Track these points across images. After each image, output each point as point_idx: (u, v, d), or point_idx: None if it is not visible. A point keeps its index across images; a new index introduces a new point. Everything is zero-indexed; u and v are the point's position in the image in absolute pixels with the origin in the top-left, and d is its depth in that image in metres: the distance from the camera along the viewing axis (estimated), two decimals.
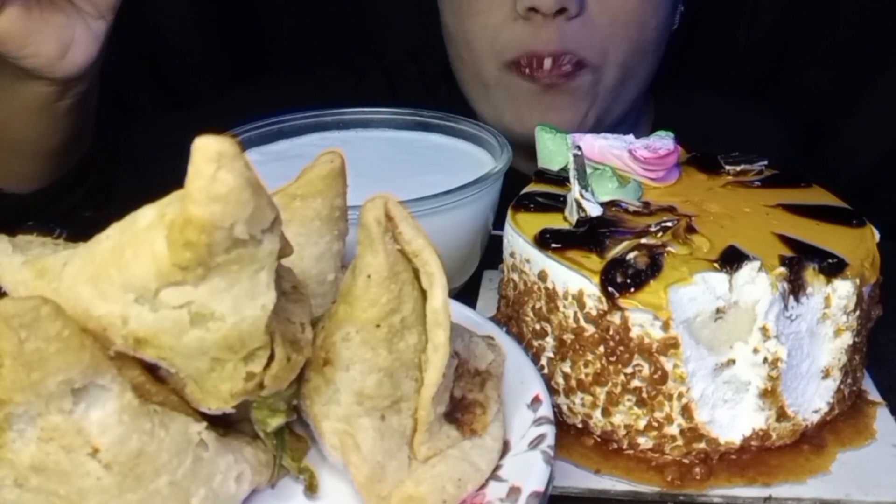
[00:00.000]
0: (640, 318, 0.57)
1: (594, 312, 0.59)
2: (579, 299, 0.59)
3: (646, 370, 0.58)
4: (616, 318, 0.58)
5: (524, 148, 0.88)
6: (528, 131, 0.84)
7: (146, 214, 0.42)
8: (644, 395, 0.59)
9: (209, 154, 0.38)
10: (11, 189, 0.91)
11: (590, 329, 0.59)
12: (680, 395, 0.59)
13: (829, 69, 1.31)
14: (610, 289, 0.58)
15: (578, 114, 1.00)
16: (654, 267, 0.58)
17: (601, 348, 0.59)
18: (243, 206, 0.39)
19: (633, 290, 0.57)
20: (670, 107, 1.19)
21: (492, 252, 0.78)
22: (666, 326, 0.57)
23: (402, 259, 0.47)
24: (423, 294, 0.47)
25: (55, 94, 0.82)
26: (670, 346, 0.57)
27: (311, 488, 0.50)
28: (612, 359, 0.59)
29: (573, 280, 0.60)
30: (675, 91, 1.21)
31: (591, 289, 0.59)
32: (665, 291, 0.57)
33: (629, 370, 0.59)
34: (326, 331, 0.49)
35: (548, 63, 0.96)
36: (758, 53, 1.35)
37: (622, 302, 0.57)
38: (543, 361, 0.64)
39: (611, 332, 0.58)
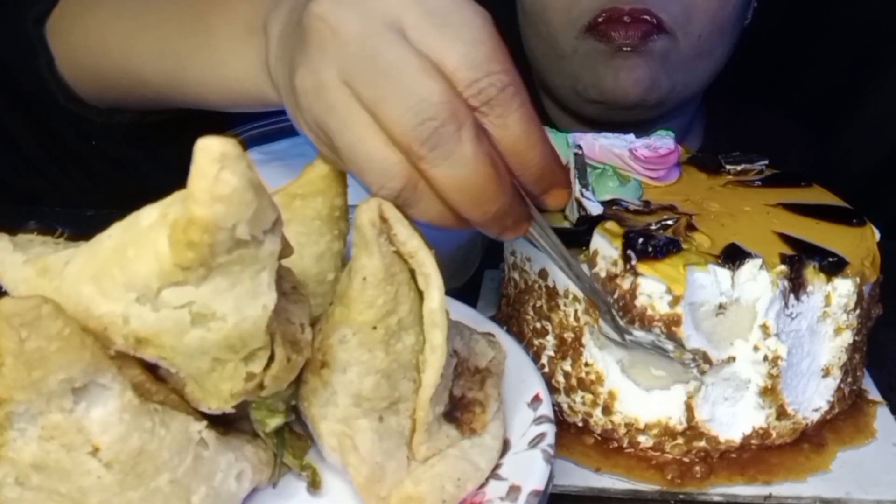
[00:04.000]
0: (650, 287, 0.57)
1: (603, 274, 0.59)
2: (591, 258, 0.59)
3: None
4: (626, 283, 0.58)
5: (593, 115, 0.94)
6: (602, 95, 0.97)
7: (149, 214, 0.43)
8: None
9: (212, 155, 0.38)
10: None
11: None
12: None
13: (829, 69, 1.31)
14: (629, 252, 0.57)
15: (651, 74, 0.98)
16: (675, 244, 0.58)
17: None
18: (246, 207, 0.40)
19: (654, 258, 0.57)
20: (722, 118, 1.19)
21: (492, 251, 0.78)
22: (674, 302, 0.57)
23: (398, 260, 0.47)
24: (420, 295, 0.47)
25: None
26: (672, 322, 0.57)
27: (314, 485, 0.50)
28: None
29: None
30: (728, 102, 1.21)
31: (608, 250, 0.59)
32: (684, 268, 0.57)
33: None
34: (323, 333, 0.49)
35: (626, 20, 0.95)
36: (758, 53, 1.35)
37: (640, 267, 0.57)
38: (544, 360, 0.64)
39: (616, 296, 0.58)
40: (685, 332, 0.57)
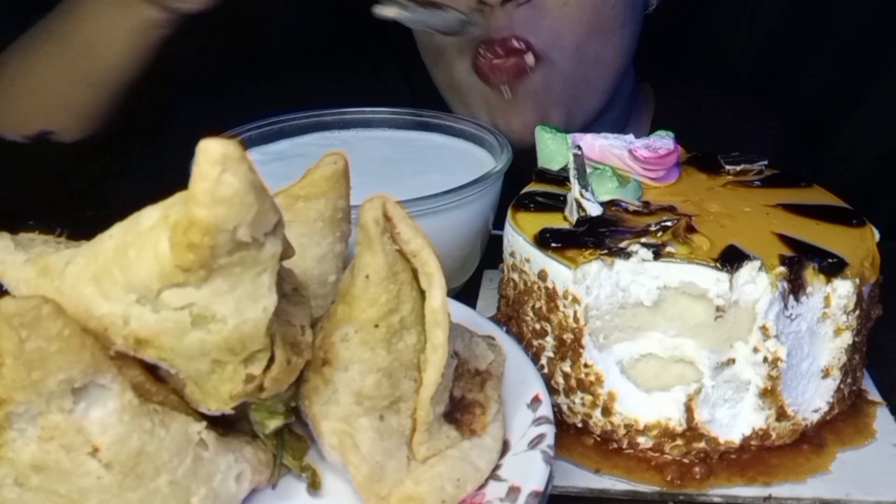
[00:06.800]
0: None
1: None
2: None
3: None
4: None
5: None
6: (507, 132, 0.89)
7: (150, 215, 0.43)
8: None
9: (214, 156, 0.38)
10: (58, 137, 0.98)
11: None
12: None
13: (829, 69, 1.31)
14: None
15: (539, 114, 0.98)
16: None
17: None
18: (247, 209, 0.40)
19: None
20: (671, 100, 1.19)
21: (492, 252, 0.78)
22: None
23: (401, 259, 0.47)
24: (422, 294, 0.47)
25: (160, 21, 0.92)
26: None
27: (314, 486, 0.50)
28: None
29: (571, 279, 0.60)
30: (676, 85, 1.20)
31: None
32: None
33: None
34: (325, 331, 0.49)
35: (499, 51, 0.95)
36: (758, 52, 1.35)
37: None
38: (543, 361, 0.64)
39: None
40: None
